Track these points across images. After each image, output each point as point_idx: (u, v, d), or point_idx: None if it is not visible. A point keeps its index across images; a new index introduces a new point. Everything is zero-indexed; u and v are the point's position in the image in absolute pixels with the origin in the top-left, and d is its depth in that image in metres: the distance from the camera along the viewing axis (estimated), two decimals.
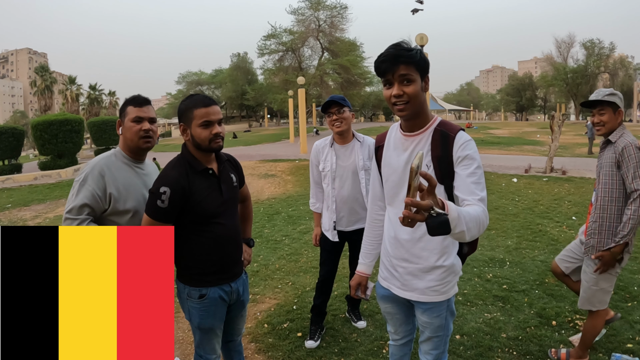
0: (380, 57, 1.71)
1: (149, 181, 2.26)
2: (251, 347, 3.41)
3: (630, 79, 59.36)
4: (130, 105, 2.22)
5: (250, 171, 13.56)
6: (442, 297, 1.90)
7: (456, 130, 1.78)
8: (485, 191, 1.66)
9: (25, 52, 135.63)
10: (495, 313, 3.76)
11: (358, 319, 3.67)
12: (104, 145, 25.92)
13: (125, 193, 2.16)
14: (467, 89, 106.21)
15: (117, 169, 2.18)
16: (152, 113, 2.27)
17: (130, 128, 2.20)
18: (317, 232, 3.48)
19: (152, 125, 2.26)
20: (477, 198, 1.61)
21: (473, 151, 1.72)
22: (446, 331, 1.99)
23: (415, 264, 1.89)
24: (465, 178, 1.67)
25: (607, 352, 3.08)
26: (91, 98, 47.34)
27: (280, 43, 43.53)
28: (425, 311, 1.94)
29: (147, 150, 2.29)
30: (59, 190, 13.71)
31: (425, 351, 2.04)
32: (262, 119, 68.64)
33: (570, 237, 6.04)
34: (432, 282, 1.88)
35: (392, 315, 2.14)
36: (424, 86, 1.74)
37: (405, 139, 1.87)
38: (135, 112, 2.20)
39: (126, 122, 2.21)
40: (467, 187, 1.65)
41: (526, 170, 12.10)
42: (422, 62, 1.70)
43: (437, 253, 1.86)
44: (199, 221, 2.10)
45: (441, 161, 1.76)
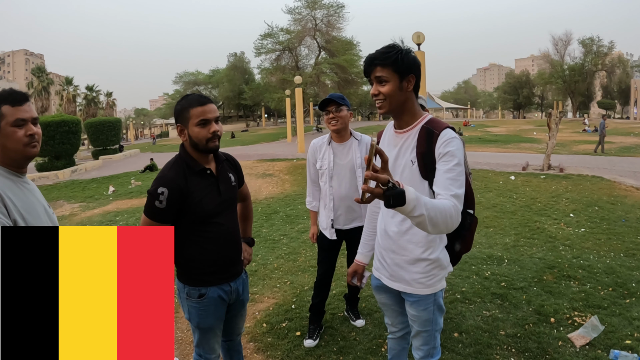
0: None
1: (40, 198, 1.83)
2: (250, 346, 3.41)
3: (628, 76, 59.47)
4: (6, 105, 1.68)
5: (248, 171, 13.54)
6: (428, 290, 1.97)
7: (442, 127, 1.83)
8: (462, 189, 1.70)
9: (22, 54, 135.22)
10: (493, 310, 3.76)
11: (357, 318, 3.68)
12: (101, 146, 25.89)
13: (31, 219, 1.68)
14: (464, 87, 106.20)
15: (10, 189, 1.66)
16: (34, 112, 1.76)
17: (11, 135, 1.68)
18: (315, 231, 3.48)
19: (37, 128, 1.76)
20: (451, 193, 1.66)
21: (455, 148, 1.76)
22: (435, 326, 2.04)
23: (402, 256, 1.97)
24: (443, 173, 1.72)
25: (606, 348, 3.09)
26: (88, 99, 47.17)
27: (277, 42, 43.43)
28: (413, 304, 2.01)
29: (33, 157, 1.79)
30: (57, 192, 13.70)
31: (416, 347, 2.11)
32: (260, 118, 68.58)
33: (568, 235, 6.06)
34: (417, 275, 1.95)
35: (387, 306, 2.21)
36: (404, 85, 1.81)
37: (395, 135, 1.96)
38: (15, 113, 1.68)
39: (3, 128, 1.67)
40: (443, 183, 1.70)
41: (524, 167, 12.11)
42: (400, 63, 1.77)
43: (422, 246, 1.93)
44: (198, 221, 2.10)
45: (425, 157, 1.82)
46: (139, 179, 14.86)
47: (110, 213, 9.70)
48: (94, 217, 9.48)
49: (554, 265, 4.81)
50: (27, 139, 1.71)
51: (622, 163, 14.09)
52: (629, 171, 12.03)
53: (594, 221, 6.72)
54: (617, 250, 5.32)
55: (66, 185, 15.30)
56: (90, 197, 12.40)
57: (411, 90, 1.84)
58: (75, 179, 16.98)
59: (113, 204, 10.89)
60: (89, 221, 9.18)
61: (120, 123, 29.32)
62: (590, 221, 6.74)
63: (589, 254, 5.22)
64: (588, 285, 4.22)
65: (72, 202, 11.86)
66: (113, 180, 15.31)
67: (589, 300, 3.88)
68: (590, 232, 6.16)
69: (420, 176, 1.85)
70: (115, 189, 13.04)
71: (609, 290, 4.09)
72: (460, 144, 1.81)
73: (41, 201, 1.81)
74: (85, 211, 10.40)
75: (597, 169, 12.10)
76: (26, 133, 1.70)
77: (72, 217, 9.84)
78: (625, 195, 8.54)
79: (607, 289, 4.13)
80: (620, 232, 6.06)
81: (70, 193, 13.45)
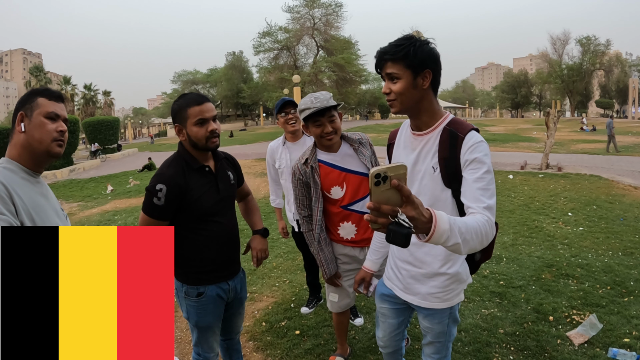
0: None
1: (53, 200, 1.75)
2: (249, 345, 3.41)
3: (626, 75, 59.60)
4: (43, 97, 1.65)
5: (246, 170, 13.52)
6: (444, 304, 1.85)
7: (467, 130, 1.65)
8: (494, 198, 1.54)
9: (19, 53, 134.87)
10: (492, 309, 3.77)
11: (355, 316, 3.68)
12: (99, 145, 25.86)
13: (40, 221, 1.59)
14: (462, 86, 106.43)
15: (20, 188, 1.56)
16: (66, 113, 1.73)
17: (42, 125, 1.62)
18: (283, 225, 3.89)
19: (66, 129, 1.71)
20: (483, 206, 1.49)
21: (483, 154, 1.59)
22: (448, 337, 1.96)
23: (419, 268, 1.84)
24: (472, 183, 1.55)
25: (604, 346, 3.09)
26: (86, 98, 47.17)
27: (276, 41, 43.46)
28: (427, 316, 1.91)
29: (57, 157, 1.71)
30: (55, 191, 13.61)
31: (427, 354, 2.03)
32: (258, 117, 68.50)
33: (567, 233, 6.07)
34: (434, 289, 1.82)
35: (385, 317, 2.10)
36: (419, 82, 1.63)
37: (414, 138, 1.78)
38: (50, 106, 1.64)
39: (35, 117, 1.62)
40: (473, 194, 1.53)
41: (522, 166, 12.13)
42: (413, 58, 1.59)
43: (441, 259, 1.79)
44: (196, 219, 2.09)
45: (448, 163, 1.65)
46: (137, 178, 14.85)
47: (108, 212, 9.69)
48: (92, 217, 9.47)
49: (553, 263, 4.82)
50: (57, 134, 1.65)
51: (620, 162, 14.12)
52: (627, 170, 12.06)
53: (592, 220, 6.74)
54: (615, 248, 5.33)
55: (64, 184, 15.28)
56: (88, 196, 12.39)
57: (428, 87, 1.65)
58: (73, 178, 16.96)
59: (111, 203, 10.88)
60: (87, 220, 9.17)
61: (119, 122, 29.30)
62: (588, 220, 6.75)
63: (587, 252, 5.23)
64: (586, 284, 4.23)
65: (71, 202, 11.84)
66: (111, 179, 15.30)
67: (588, 298, 3.89)
68: (589, 230, 6.17)
69: (443, 184, 1.69)
70: (113, 188, 13.03)
71: (607, 289, 4.10)
72: (488, 148, 1.64)
73: (52, 203, 1.72)
74: (84, 210, 10.39)
75: (595, 168, 12.12)
76: (57, 128, 1.65)
77: (70, 217, 9.82)
78: (623, 194, 8.56)
79: (605, 287, 4.14)
80: (619, 230, 6.07)
81: (68, 192, 13.43)
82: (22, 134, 1.62)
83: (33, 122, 1.61)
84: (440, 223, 1.20)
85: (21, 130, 1.62)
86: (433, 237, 1.19)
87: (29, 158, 1.63)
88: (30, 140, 1.61)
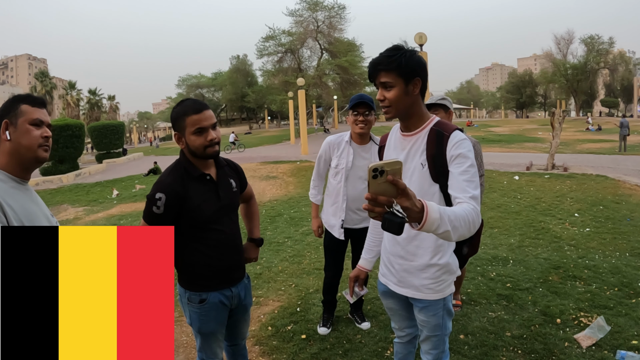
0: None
1: (42, 205, 1.75)
2: (255, 349, 3.41)
3: (631, 74, 59.31)
4: (26, 104, 1.67)
5: (251, 173, 13.54)
6: (437, 295, 1.96)
7: (451, 129, 1.81)
8: (478, 190, 1.69)
9: (24, 58, 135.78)
10: (499, 312, 3.75)
11: (362, 320, 3.67)
12: (104, 150, 25.99)
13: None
14: (467, 87, 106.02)
15: (11, 197, 1.57)
16: (49, 119, 1.77)
17: (28, 132, 1.64)
18: (319, 223, 3.54)
19: (50, 134, 1.75)
20: (469, 196, 1.64)
21: (466, 150, 1.75)
22: (444, 330, 2.04)
23: (410, 261, 1.95)
24: (458, 176, 1.71)
25: (612, 349, 3.07)
26: (91, 103, 47.49)
27: (279, 44, 43.51)
28: (422, 309, 2.00)
29: (43, 162, 1.74)
30: (61, 196, 13.73)
31: (425, 351, 2.10)
32: (263, 120, 68.70)
33: (573, 234, 6.04)
34: (426, 280, 1.94)
35: (394, 311, 2.20)
36: (410, 89, 1.78)
37: (403, 138, 1.93)
38: (34, 113, 1.67)
39: (20, 125, 1.64)
40: (459, 185, 1.68)
41: (527, 167, 12.08)
42: (405, 67, 1.73)
43: (431, 251, 1.91)
44: (197, 227, 2.09)
45: (435, 160, 1.81)
46: (143, 182, 14.90)
47: (114, 216, 9.73)
48: (98, 221, 9.51)
49: (560, 265, 4.79)
50: (43, 140, 1.68)
51: (626, 162, 14.04)
52: (634, 170, 11.99)
53: (599, 221, 6.70)
54: (622, 249, 5.30)
55: (70, 189, 15.34)
56: (94, 200, 12.44)
57: (417, 93, 1.81)
58: (79, 182, 17.03)
59: (117, 207, 10.92)
60: (93, 225, 9.20)
61: (124, 127, 29.43)
62: (595, 221, 6.71)
63: (594, 253, 5.19)
64: (594, 286, 4.20)
65: (76, 206, 11.89)
66: (117, 183, 15.35)
67: (595, 300, 3.86)
68: (595, 231, 6.13)
69: (431, 179, 1.84)
70: (119, 193, 13.08)
71: (615, 290, 4.07)
72: (471, 145, 1.79)
73: (42, 209, 1.74)
74: (90, 215, 10.43)
75: (601, 168, 12.05)
76: (42, 134, 1.68)
77: (76, 221, 9.87)
78: (630, 194, 8.50)
79: (613, 289, 4.11)
80: (626, 231, 6.03)
81: (74, 197, 13.49)
82: (8, 142, 1.64)
83: (19, 130, 1.64)
84: (431, 212, 1.32)
85: (7, 139, 1.63)
86: (425, 225, 1.31)
87: (16, 165, 1.65)
88: (17, 148, 1.64)
